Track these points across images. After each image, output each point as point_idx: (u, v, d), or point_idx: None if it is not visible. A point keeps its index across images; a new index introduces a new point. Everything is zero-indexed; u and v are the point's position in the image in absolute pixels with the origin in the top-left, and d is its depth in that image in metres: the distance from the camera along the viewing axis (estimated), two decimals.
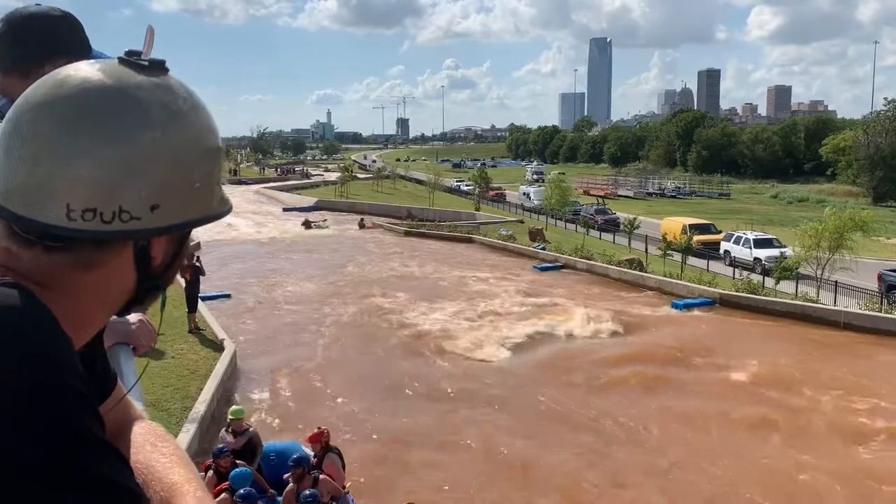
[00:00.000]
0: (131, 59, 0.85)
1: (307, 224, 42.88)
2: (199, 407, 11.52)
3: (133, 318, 1.69)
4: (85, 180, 0.77)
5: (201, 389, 12.39)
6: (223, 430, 8.89)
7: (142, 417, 1.09)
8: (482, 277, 25.79)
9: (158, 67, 0.85)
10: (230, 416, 8.87)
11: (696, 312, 20.52)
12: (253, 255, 31.74)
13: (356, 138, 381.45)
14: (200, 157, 0.86)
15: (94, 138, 0.78)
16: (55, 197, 0.77)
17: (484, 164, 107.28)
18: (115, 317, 0.94)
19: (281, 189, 69.40)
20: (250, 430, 8.98)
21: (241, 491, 7.20)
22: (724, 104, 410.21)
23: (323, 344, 17.46)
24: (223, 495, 7.36)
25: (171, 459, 0.99)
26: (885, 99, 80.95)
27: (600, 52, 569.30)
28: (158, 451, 1.00)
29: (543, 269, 27.70)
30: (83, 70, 0.82)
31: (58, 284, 0.82)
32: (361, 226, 42.30)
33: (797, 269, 22.39)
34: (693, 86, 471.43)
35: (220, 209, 0.91)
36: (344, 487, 8.15)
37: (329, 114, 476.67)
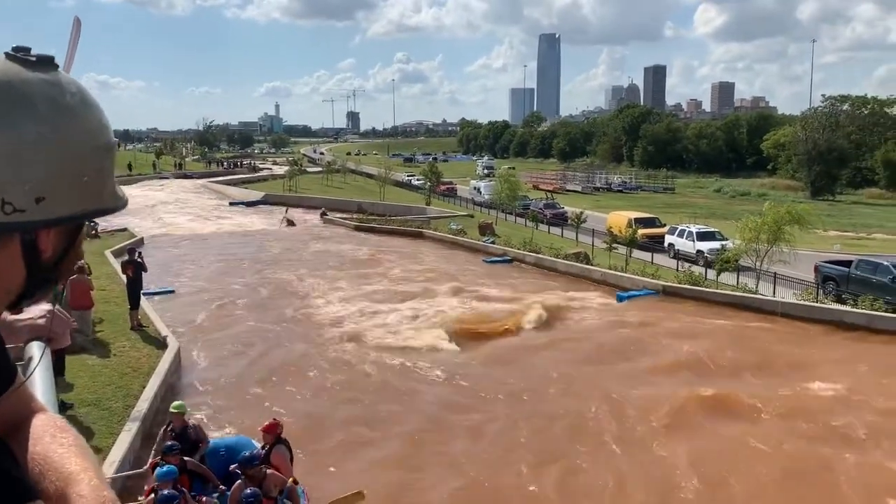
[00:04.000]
0: (19, 55, 0.86)
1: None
2: (142, 405, 11.31)
3: (38, 310, 1.68)
4: None
5: (144, 387, 12.17)
6: (164, 427, 8.77)
7: (44, 410, 1.09)
8: (431, 269, 25.85)
9: (47, 63, 0.86)
10: (172, 410, 8.76)
11: (638, 303, 20.94)
12: (196, 250, 31.18)
13: (306, 132, 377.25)
14: (89, 152, 0.87)
15: None
16: None
17: (435, 158, 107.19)
18: (11, 315, 0.95)
19: (227, 183, 68.22)
20: (192, 424, 8.88)
21: (165, 492, 7.05)
22: (670, 100, 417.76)
23: (268, 337, 17.29)
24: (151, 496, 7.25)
25: (69, 450, 0.99)
26: (823, 96, 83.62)
27: (550, 48, 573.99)
28: (57, 441, 1.00)
29: (492, 263, 27.91)
30: None
31: None
32: (289, 222, 41.36)
33: (737, 261, 22.98)
34: (640, 82, 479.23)
35: (112, 203, 0.92)
36: (293, 479, 8.12)
37: (278, 107, 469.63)
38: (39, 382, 1.29)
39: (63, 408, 10.92)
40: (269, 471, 7.76)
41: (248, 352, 16.21)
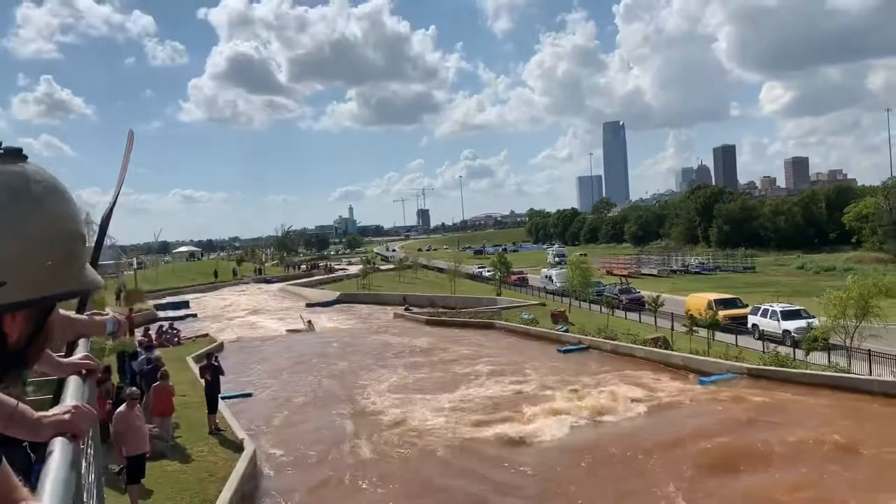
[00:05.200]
0: None
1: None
2: None
3: (64, 406, 1.70)
4: None
5: (220, 491, 12.18)
6: None
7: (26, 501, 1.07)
8: (505, 362, 25.49)
9: (14, 155, 0.90)
10: None
11: (722, 387, 20.00)
12: (274, 353, 31.69)
13: (378, 231, 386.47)
14: (53, 238, 0.89)
15: None
16: None
17: (505, 249, 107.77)
18: (41, 412, 0.94)
19: (304, 285, 69.96)
20: None
21: None
22: (742, 178, 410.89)
23: (348, 439, 17.18)
24: None
25: None
26: None
27: (614, 135, 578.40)
28: None
29: (567, 352, 27.35)
30: None
31: None
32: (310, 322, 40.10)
33: (826, 339, 21.86)
34: (710, 162, 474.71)
35: (79, 286, 0.93)
36: None
37: (351, 209, 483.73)
38: (51, 482, 1.28)
39: None
40: None
41: (329, 456, 16.08)
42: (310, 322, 40.33)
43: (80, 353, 2.02)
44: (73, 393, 1.70)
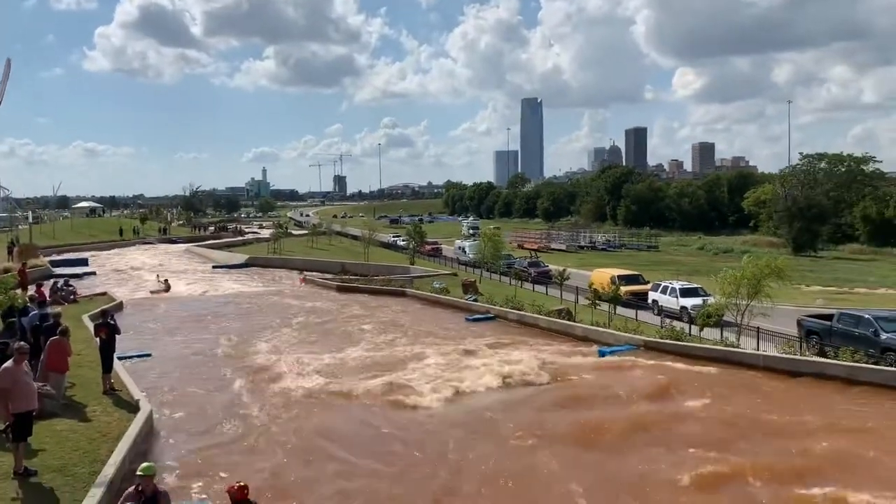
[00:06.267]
0: None
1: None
2: (108, 470, 10.91)
3: None
4: None
5: (112, 452, 11.79)
6: (131, 487, 8.47)
7: None
8: (417, 329, 25.65)
9: None
10: (139, 473, 8.47)
11: (620, 358, 20.76)
12: (176, 315, 30.84)
13: (293, 196, 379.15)
14: None
15: None
16: None
17: (421, 219, 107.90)
18: None
19: (212, 247, 68.08)
20: (159, 488, 8.60)
21: None
22: (652, 161, 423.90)
23: (247, 402, 16.94)
24: None
25: None
26: (801, 154, 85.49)
27: (532, 112, 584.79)
28: None
29: (475, 321, 27.74)
30: None
31: None
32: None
33: (720, 316, 22.93)
34: (622, 143, 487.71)
35: None
36: None
37: (265, 172, 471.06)
38: None
39: (26, 474, 10.58)
40: None
41: (223, 416, 15.82)
42: (166, 281, 40.48)
43: None
44: None
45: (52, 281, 36.11)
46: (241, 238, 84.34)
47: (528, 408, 16.38)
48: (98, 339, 16.60)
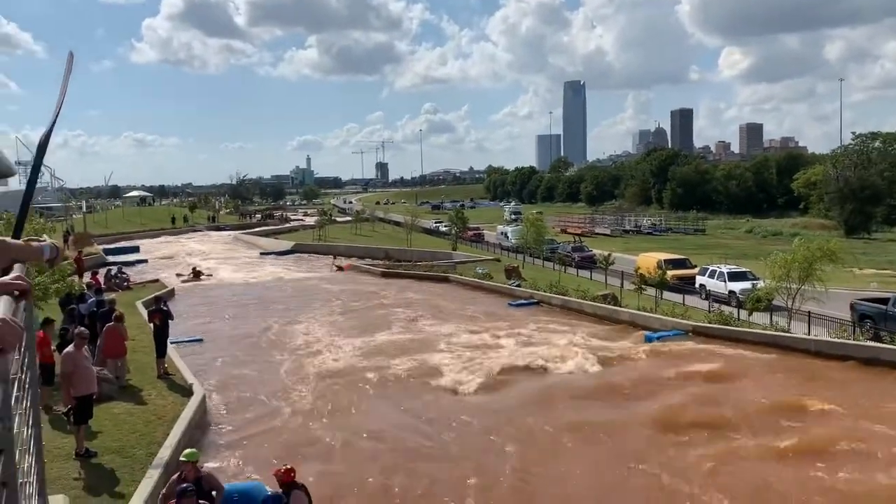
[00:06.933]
0: None
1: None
2: (164, 452, 11.27)
3: None
4: None
5: (167, 435, 12.16)
6: (175, 475, 8.74)
7: None
8: (460, 314, 25.76)
9: None
10: (181, 459, 8.73)
11: (669, 343, 20.54)
12: (225, 301, 31.47)
13: (336, 183, 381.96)
14: None
15: None
16: None
17: (462, 205, 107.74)
18: None
19: (259, 234, 69.20)
20: (204, 473, 8.84)
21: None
22: (698, 142, 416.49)
23: (296, 385, 17.26)
24: None
25: None
26: (853, 133, 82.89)
27: (575, 95, 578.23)
28: None
29: (518, 306, 27.71)
30: None
31: None
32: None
33: (770, 300, 22.49)
34: (667, 125, 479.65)
35: None
36: None
37: (309, 160, 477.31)
38: None
39: (87, 456, 10.97)
40: None
41: (276, 400, 16.17)
42: (194, 269, 40.41)
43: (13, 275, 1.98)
44: (2, 310, 1.64)
45: (106, 269, 37.12)
46: (286, 225, 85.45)
47: (574, 394, 16.37)
48: (152, 325, 17.07)
